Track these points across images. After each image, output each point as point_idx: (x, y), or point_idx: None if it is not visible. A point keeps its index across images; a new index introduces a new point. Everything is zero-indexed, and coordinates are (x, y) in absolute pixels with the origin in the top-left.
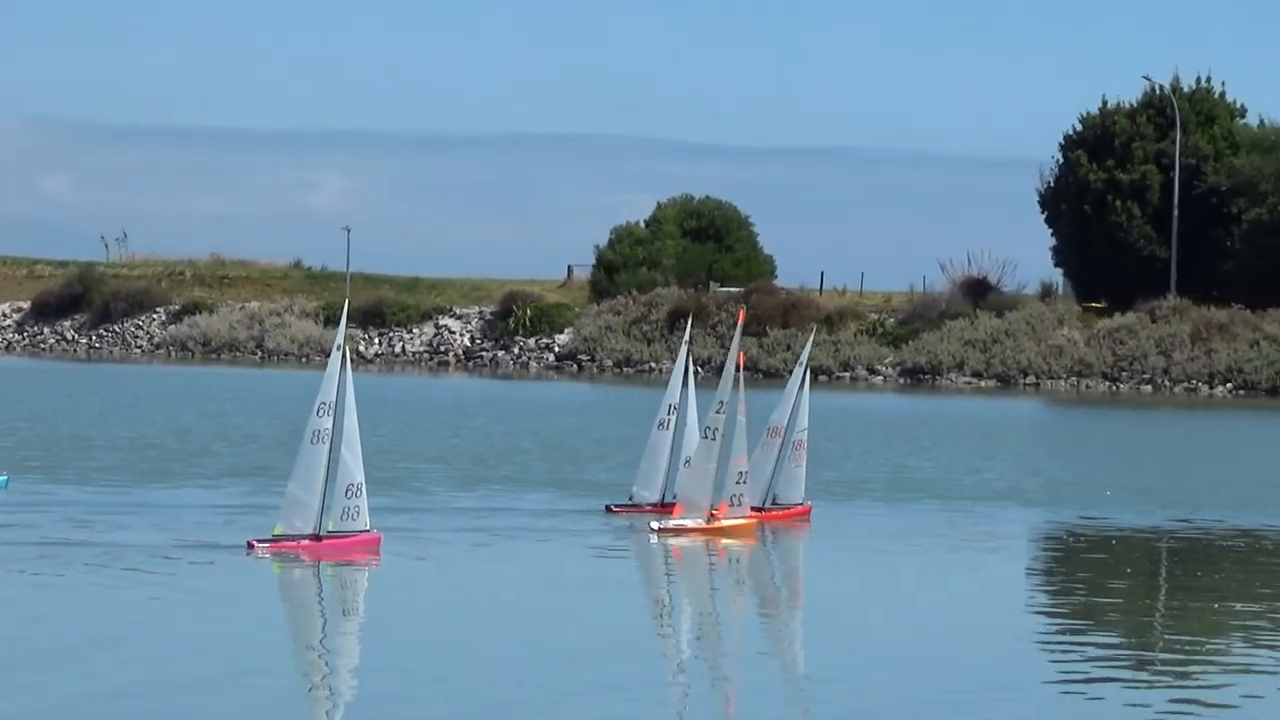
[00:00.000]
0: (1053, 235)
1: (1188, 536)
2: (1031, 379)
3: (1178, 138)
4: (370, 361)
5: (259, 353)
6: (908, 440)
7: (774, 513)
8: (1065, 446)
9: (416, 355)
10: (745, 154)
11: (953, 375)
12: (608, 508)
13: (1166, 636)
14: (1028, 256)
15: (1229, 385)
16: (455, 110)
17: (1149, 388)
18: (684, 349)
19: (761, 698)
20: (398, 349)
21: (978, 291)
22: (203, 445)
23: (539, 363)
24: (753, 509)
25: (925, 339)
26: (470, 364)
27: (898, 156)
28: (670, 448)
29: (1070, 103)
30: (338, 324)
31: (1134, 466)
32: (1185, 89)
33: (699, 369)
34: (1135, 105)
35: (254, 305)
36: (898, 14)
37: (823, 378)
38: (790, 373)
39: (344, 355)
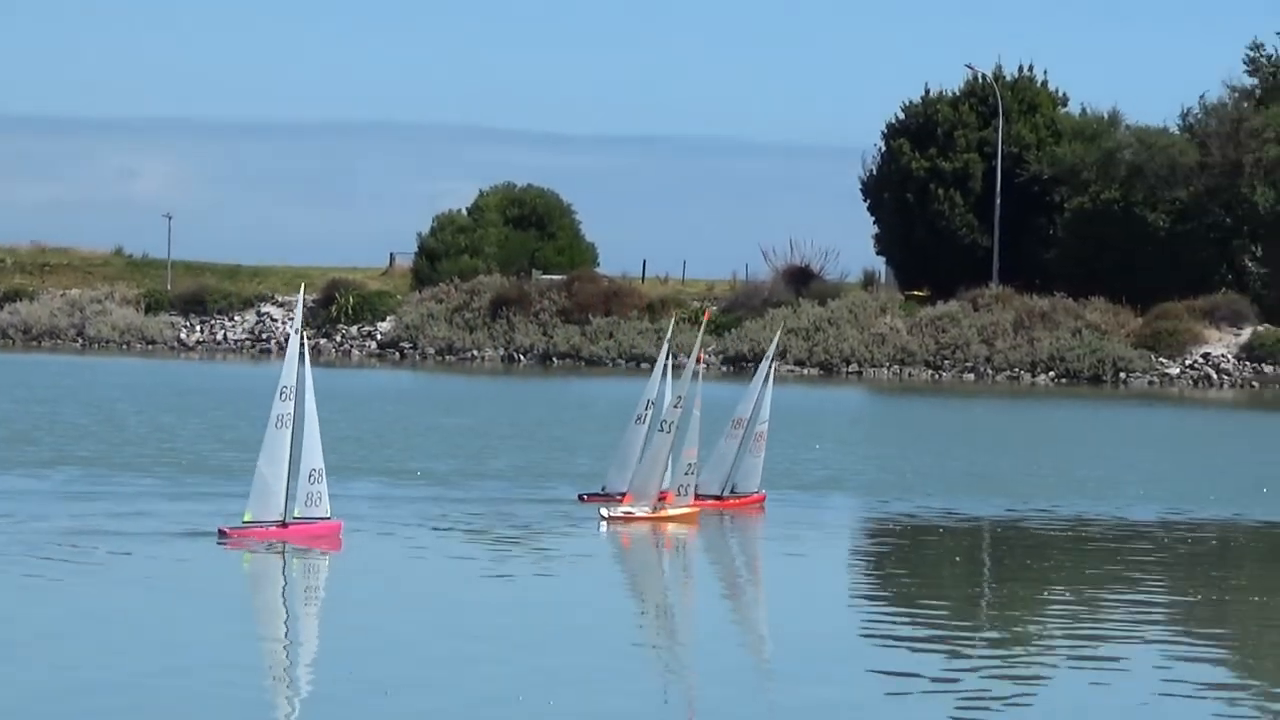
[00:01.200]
0: (875, 223)
1: (1016, 524)
2: (854, 367)
3: (1000, 126)
4: (192, 349)
5: (80, 340)
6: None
7: (731, 501)
8: (889, 435)
9: (239, 343)
10: (568, 142)
11: (775, 363)
12: (580, 496)
13: (989, 624)
14: (850, 245)
15: (1051, 373)
16: (277, 97)
17: (971, 376)
18: (665, 346)
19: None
20: (220, 337)
21: (800, 280)
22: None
23: (361, 350)
24: (713, 497)
25: (748, 327)
26: None
27: (720, 144)
28: (645, 441)
29: (893, 91)
30: (159, 311)
31: (960, 455)
32: (1008, 77)
33: (521, 357)
34: (958, 93)
35: (75, 293)
36: (719, 1)
37: (644, 365)
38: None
39: (301, 340)
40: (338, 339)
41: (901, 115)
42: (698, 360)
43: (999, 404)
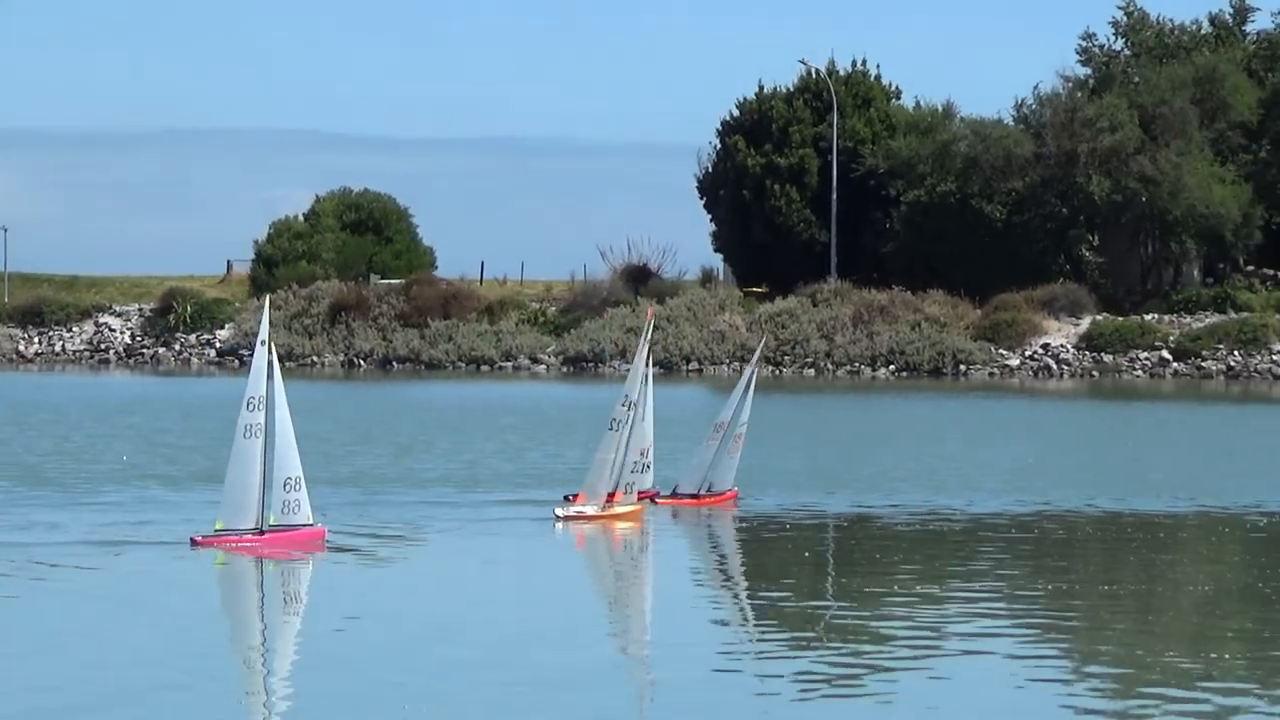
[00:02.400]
0: (712, 221)
1: (864, 520)
2: (694, 365)
3: (835, 121)
4: (30, 361)
5: None
6: (564, 431)
7: (706, 498)
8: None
9: (77, 354)
10: (403, 146)
11: (615, 363)
12: (566, 497)
13: (836, 619)
14: (688, 243)
15: (891, 367)
16: (112, 108)
17: (812, 371)
18: (645, 349)
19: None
20: (58, 348)
21: (638, 279)
22: None
23: (200, 359)
24: (690, 496)
25: (587, 327)
26: (131, 361)
27: (556, 145)
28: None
29: (727, 88)
30: None
31: (805, 450)
32: (841, 72)
33: (361, 361)
34: (792, 89)
35: None
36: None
37: (485, 368)
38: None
39: (270, 350)
40: (176, 347)
41: (736, 112)
42: (646, 361)
43: (841, 399)
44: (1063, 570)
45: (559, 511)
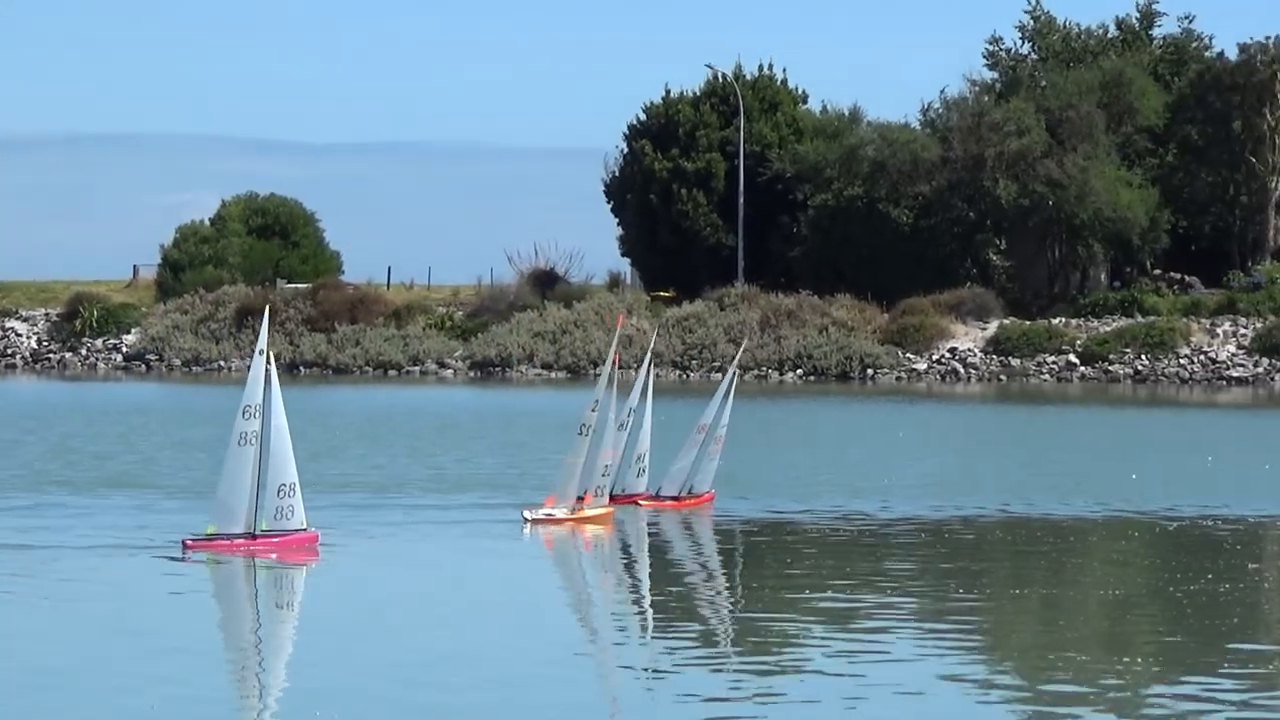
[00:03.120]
0: (619, 225)
1: (775, 524)
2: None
3: (742, 125)
4: None
5: None
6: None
7: (688, 500)
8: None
9: None
10: (310, 150)
11: (523, 367)
12: (579, 498)
13: (743, 624)
14: (595, 247)
15: (799, 371)
16: (16, 112)
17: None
18: (648, 355)
19: None
20: None
21: (545, 283)
22: None
23: (107, 364)
24: (671, 499)
25: (494, 331)
26: (38, 366)
27: (463, 149)
28: (625, 446)
29: (634, 92)
30: None
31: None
32: (748, 76)
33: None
34: (699, 94)
35: None
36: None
37: (392, 373)
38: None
39: (268, 358)
40: (83, 352)
41: (643, 116)
42: (612, 365)
43: (749, 404)
44: (974, 574)
45: (527, 514)
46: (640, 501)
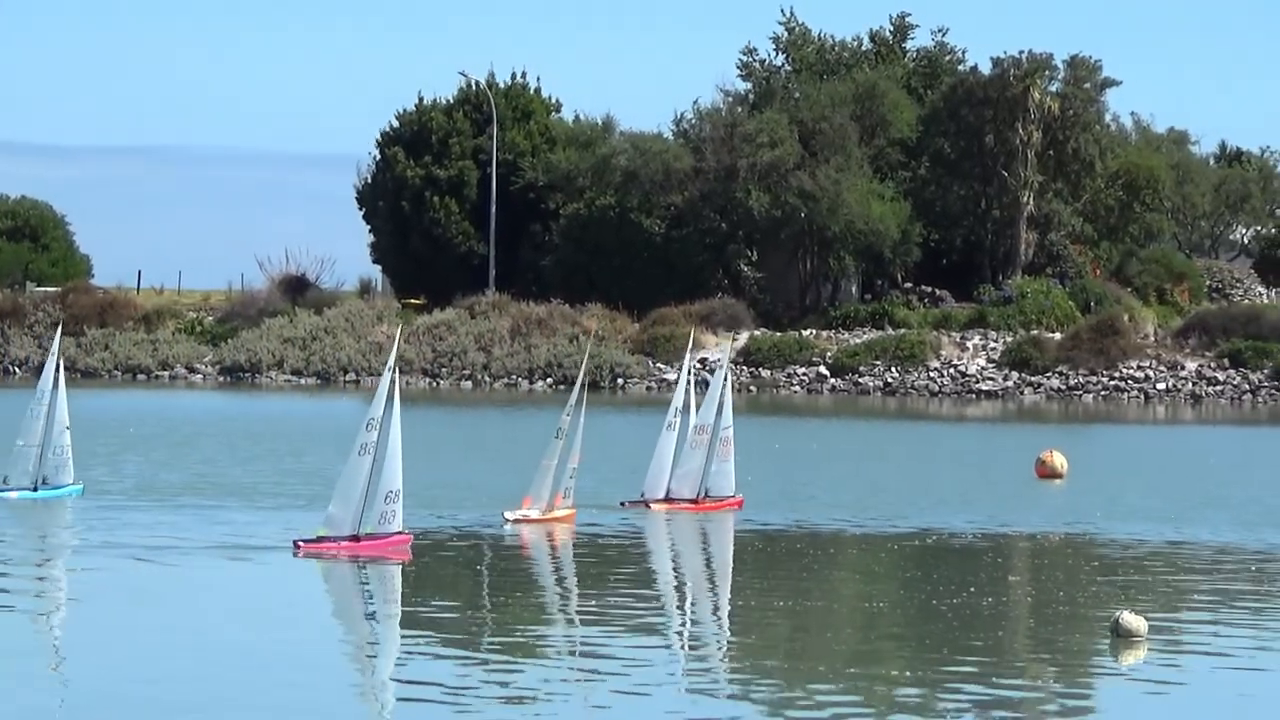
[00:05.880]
0: (371, 232)
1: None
2: (352, 376)
3: (494, 133)
4: None
5: None
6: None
7: (708, 504)
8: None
9: None
10: (60, 153)
11: (273, 373)
12: (622, 503)
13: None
14: (347, 253)
15: (549, 380)
16: None
17: (469, 384)
18: (687, 358)
19: None
20: None
21: (296, 289)
22: None
23: None
24: (689, 501)
25: (244, 337)
26: None
27: (216, 154)
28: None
29: (388, 100)
30: None
31: (469, 465)
32: (501, 85)
33: (17, 369)
34: (452, 101)
35: None
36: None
37: (141, 377)
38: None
39: (394, 374)
40: None
41: (396, 123)
42: (585, 373)
43: (498, 413)
44: (736, 588)
45: (507, 515)
46: (650, 505)
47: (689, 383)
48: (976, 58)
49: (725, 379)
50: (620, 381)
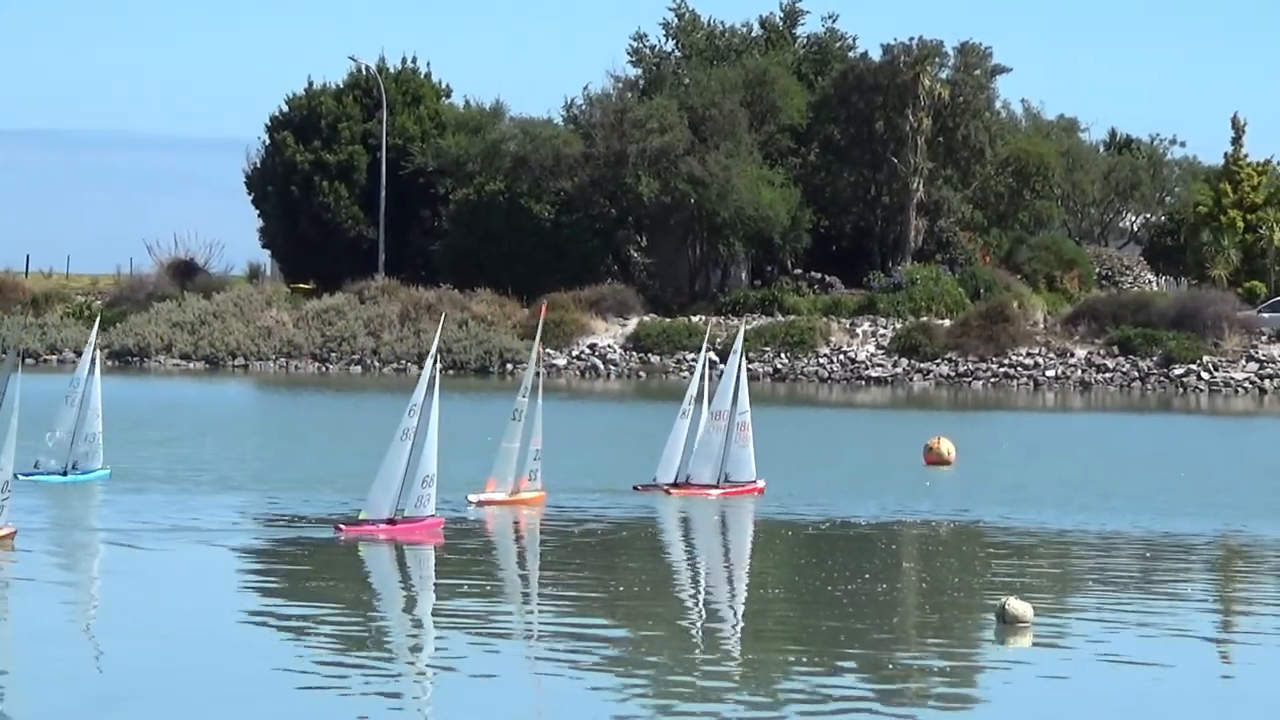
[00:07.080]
0: (260, 217)
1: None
2: (240, 360)
3: (384, 118)
4: None
5: None
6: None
7: (729, 489)
8: (275, 430)
9: None
10: None
11: (161, 357)
12: (634, 487)
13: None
14: (236, 238)
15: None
16: None
17: (359, 368)
18: (704, 352)
19: None
20: None
21: (185, 273)
22: None
23: None
24: (706, 486)
25: (132, 321)
26: None
27: (104, 138)
28: (687, 435)
29: (277, 83)
30: None
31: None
32: (391, 70)
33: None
34: (342, 86)
35: None
36: None
37: (29, 361)
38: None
39: (435, 361)
40: None
41: (285, 108)
42: (538, 357)
43: (384, 399)
44: (631, 572)
45: (471, 497)
46: (669, 490)
47: (702, 374)
48: (867, 44)
49: (741, 365)
50: (509, 367)
